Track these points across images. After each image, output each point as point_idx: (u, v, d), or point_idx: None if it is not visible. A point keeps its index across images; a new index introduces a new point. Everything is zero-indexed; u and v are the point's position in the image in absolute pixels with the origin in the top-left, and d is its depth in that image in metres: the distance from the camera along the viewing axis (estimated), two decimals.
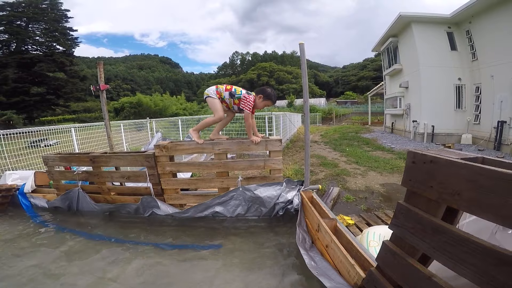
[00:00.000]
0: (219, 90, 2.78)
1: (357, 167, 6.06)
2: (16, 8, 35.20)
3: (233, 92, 2.76)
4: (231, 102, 2.80)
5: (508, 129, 8.21)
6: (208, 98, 2.81)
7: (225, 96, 2.78)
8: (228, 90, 2.78)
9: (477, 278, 0.76)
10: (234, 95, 2.76)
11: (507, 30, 8.13)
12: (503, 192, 0.64)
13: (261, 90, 2.82)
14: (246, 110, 2.71)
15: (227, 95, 2.77)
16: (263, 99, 2.79)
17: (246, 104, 2.72)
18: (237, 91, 2.78)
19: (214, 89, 2.80)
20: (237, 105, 2.80)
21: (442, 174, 0.81)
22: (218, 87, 2.80)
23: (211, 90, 2.80)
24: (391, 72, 14.21)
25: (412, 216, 0.93)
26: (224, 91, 2.78)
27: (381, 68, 16.57)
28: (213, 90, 2.79)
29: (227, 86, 2.81)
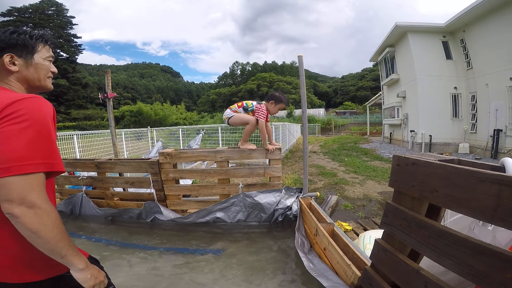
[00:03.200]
0: (234, 109, 2.91)
1: (356, 176, 6.16)
2: (23, 13, 36.00)
3: (245, 106, 2.88)
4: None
5: (504, 137, 8.31)
6: (230, 119, 2.90)
7: (240, 112, 2.89)
8: (241, 106, 2.90)
9: (458, 268, 0.84)
10: (248, 109, 2.88)
11: (500, 38, 8.33)
12: (471, 187, 0.74)
13: (270, 96, 2.94)
14: (261, 119, 2.81)
15: (241, 110, 2.89)
16: (275, 103, 2.90)
17: (260, 114, 2.82)
18: (248, 104, 2.89)
19: (229, 111, 2.92)
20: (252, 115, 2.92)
21: (422, 174, 0.91)
22: (232, 108, 2.93)
23: (228, 113, 2.92)
24: (388, 82, 14.46)
25: (399, 214, 1.02)
26: (238, 108, 2.90)
27: (379, 78, 16.86)
28: (229, 112, 2.92)
29: (238, 103, 2.94)
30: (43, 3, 37.77)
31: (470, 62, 10.01)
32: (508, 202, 0.68)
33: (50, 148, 0.79)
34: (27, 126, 0.75)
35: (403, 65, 12.39)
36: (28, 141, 0.74)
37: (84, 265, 0.84)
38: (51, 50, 1.03)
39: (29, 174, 0.73)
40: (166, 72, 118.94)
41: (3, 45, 0.90)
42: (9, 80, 0.92)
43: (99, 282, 0.90)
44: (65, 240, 0.79)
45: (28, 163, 0.73)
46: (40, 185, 0.75)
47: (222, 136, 9.13)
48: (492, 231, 1.06)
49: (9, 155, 0.72)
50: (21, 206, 0.71)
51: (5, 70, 0.91)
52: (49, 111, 0.83)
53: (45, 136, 0.78)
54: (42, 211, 0.73)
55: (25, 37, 0.93)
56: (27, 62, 0.94)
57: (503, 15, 8.17)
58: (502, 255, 0.70)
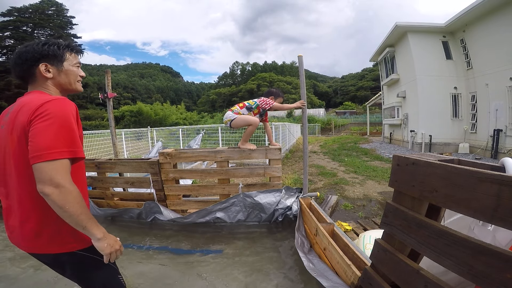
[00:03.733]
0: (236, 111, 2.86)
1: (356, 176, 6.16)
2: (23, 13, 35.98)
3: (248, 106, 2.86)
4: (251, 115, 2.88)
5: (504, 137, 8.30)
6: (232, 122, 2.82)
7: (244, 113, 2.85)
8: (244, 106, 2.86)
9: (458, 268, 0.84)
10: (252, 107, 2.85)
11: (500, 38, 8.33)
12: (471, 187, 0.74)
13: (268, 92, 2.96)
14: (272, 103, 2.85)
15: (245, 111, 2.85)
16: (274, 98, 2.93)
17: (268, 103, 2.84)
18: (251, 103, 2.88)
19: (231, 113, 2.86)
20: (257, 115, 2.89)
21: (422, 174, 0.91)
22: (233, 110, 2.88)
23: (229, 115, 2.85)
24: (388, 82, 14.46)
25: (399, 214, 1.02)
26: (240, 109, 2.85)
27: (379, 78, 16.85)
28: (231, 114, 2.85)
29: (239, 104, 2.91)
30: (43, 3, 37.76)
31: (470, 62, 10.00)
32: (508, 202, 0.68)
33: (72, 139, 0.98)
34: (52, 122, 0.94)
35: (403, 65, 12.38)
36: (54, 133, 0.93)
37: (102, 235, 1.02)
38: (78, 57, 1.22)
39: (56, 160, 0.92)
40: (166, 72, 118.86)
41: (38, 56, 1.08)
42: (46, 85, 1.12)
43: (114, 250, 1.06)
44: (85, 214, 0.97)
45: (54, 151, 0.91)
46: (65, 168, 0.94)
47: (222, 136, 9.13)
48: (492, 231, 1.05)
49: (40, 146, 0.91)
50: (50, 186, 0.90)
51: (42, 77, 1.10)
52: (71, 109, 1.01)
53: (67, 129, 0.97)
54: (66, 190, 0.92)
55: (54, 48, 1.11)
56: (58, 70, 1.13)
57: (503, 15, 8.16)
58: (502, 255, 0.70)
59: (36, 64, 1.08)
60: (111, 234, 1.09)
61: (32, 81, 1.12)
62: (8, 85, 31.87)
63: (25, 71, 1.10)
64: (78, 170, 1.12)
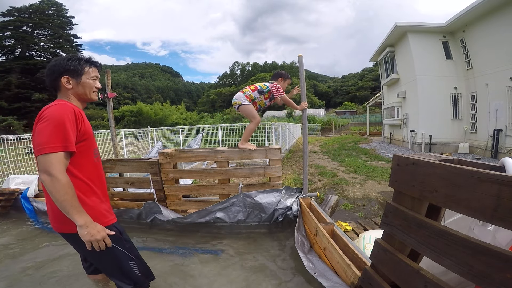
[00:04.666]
0: (247, 93, 2.83)
1: (356, 176, 6.15)
2: (23, 13, 35.97)
3: (260, 89, 2.84)
4: (262, 100, 2.87)
5: (504, 137, 8.30)
6: (241, 106, 2.82)
7: (256, 96, 2.83)
8: (255, 89, 2.84)
9: (458, 268, 0.84)
10: (263, 91, 2.84)
11: (500, 38, 8.32)
12: (472, 188, 0.74)
13: (277, 74, 2.98)
14: (282, 94, 2.85)
15: (256, 94, 2.83)
16: (284, 80, 2.95)
17: (279, 91, 2.84)
18: (262, 87, 2.85)
19: (242, 95, 2.83)
20: (267, 99, 2.89)
21: (422, 174, 0.91)
22: (245, 92, 2.85)
23: (241, 98, 2.82)
24: (388, 82, 14.46)
25: (399, 214, 1.02)
26: (252, 92, 2.83)
27: (379, 78, 16.85)
28: (243, 96, 2.82)
29: (250, 87, 2.88)
30: (43, 3, 37.71)
31: (470, 62, 10.00)
32: (508, 202, 0.68)
33: (64, 136, 1.17)
34: (48, 124, 1.16)
35: (403, 65, 12.37)
36: (49, 132, 1.15)
37: (83, 223, 1.18)
38: (96, 71, 1.44)
39: (50, 154, 1.13)
40: (166, 72, 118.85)
41: (62, 70, 1.31)
42: (67, 95, 1.36)
43: (95, 239, 1.21)
44: (68, 201, 1.14)
45: (48, 146, 1.13)
46: (58, 161, 1.14)
47: (222, 136, 9.13)
48: (492, 231, 1.05)
49: (38, 142, 1.15)
50: (44, 174, 1.12)
51: (64, 88, 1.34)
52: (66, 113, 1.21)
53: (60, 129, 1.17)
54: (55, 179, 1.12)
55: (75, 63, 1.34)
56: (77, 82, 1.36)
57: (503, 15, 8.16)
58: (502, 255, 0.70)
59: (60, 76, 1.31)
60: (99, 225, 1.25)
61: (58, 90, 1.36)
62: (8, 85, 31.89)
63: (52, 82, 1.34)
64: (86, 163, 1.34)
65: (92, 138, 1.40)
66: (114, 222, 1.41)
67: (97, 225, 1.23)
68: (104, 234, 1.25)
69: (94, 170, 1.39)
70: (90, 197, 1.32)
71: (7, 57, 35.70)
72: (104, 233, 1.25)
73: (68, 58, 1.34)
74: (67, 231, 1.28)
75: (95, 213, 1.29)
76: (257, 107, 2.91)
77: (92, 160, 1.39)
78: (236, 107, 2.87)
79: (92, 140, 1.40)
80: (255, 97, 2.84)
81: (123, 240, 1.41)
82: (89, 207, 1.28)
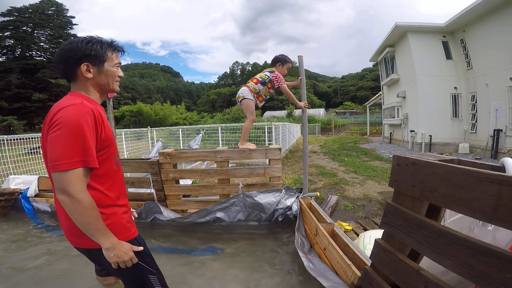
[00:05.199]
0: (251, 87, 2.81)
1: (356, 176, 6.15)
2: (23, 13, 35.96)
3: (262, 80, 2.82)
4: (266, 90, 2.85)
5: (504, 137, 8.29)
6: (244, 100, 2.80)
7: (260, 88, 2.81)
8: (258, 82, 2.82)
9: (458, 268, 0.85)
10: (265, 82, 2.81)
11: (500, 38, 8.32)
12: (471, 188, 0.74)
13: (274, 59, 2.93)
14: (283, 84, 2.80)
15: (260, 86, 2.81)
16: (282, 64, 2.90)
17: (280, 80, 2.80)
18: (263, 77, 2.83)
19: (246, 89, 2.81)
20: (271, 89, 2.87)
21: (422, 174, 0.91)
22: (249, 86, 2.83)
23: (245, 92, 2.80)
24: (388, 82, 14.45)
25: (399, 213, 1.02)
26: (256, 85, 2.81)
27: (379, 78, 16.85)
28: (247, 90, 2.80)
29: (253, 80, 2.86)
30: (43, 3, 37.69)
31: (470, 62, 9.99)
32: (508, 202, 0.68)
33: (83, 148, 0.97)
34: (63, 132, 0.94)
35: (403, 65, 12.37)
36: (64, 144, 0.94)
37: (109, 246, 1.05)
38: (119, 57, 1.23)
39: (67, 171, 0.94)
40: (166, 72, 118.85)
41: (80, 55, 1.07)
42: (86, 86, 1.14)
43: (121, 261, 1.09)
44: (93, 224, 0.99)
45: (64, 162, 0.93)
46: (77, 178, 0.95)
47: (222, 136, 9.13)
48: (492, 231, 1.06)
49: (52, 156, 0.94)
50: (63, 195, 0.95)
51: (83, 77, 1.11)
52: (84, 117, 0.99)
53: (78, 138, 0.96)
54: (75, 201, 0.95)
55: (97, 47, 1.11)
56: (99, 70, 1.13)
57: (503, 15, 8.15)
58: (502, 255, 0.70)
59: (78, 63, 1.08)
60: (125, 244, 1.12)
61: (73, 80, 1.13)
62: (8, 85, 31.87)
63: (67, 70, 1.11)
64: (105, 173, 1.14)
65: (113, 144, 1.20)
66: (136, 235, 1.29)
67: (124, 245, 1.11)
68: (132, 254, 1.13)
69: (115, 180, 1.20)
70: (111, 210, 1.16)
71: (7, 57, 35.67)
72: (131, 254, 1.13)
73: (88, 41, 1.11)
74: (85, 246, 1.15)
75: (117, 227, 1.15)
76: (263, 98, 2.89)
77: (113, 169, 1.19)
78: (239, 100, 2.85)
79: (113, 146, 1.20)
80: (259, 90, 2.82)
81: (144, 254, 1.28)
82: (111, 221, 1.13)
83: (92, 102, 1.12)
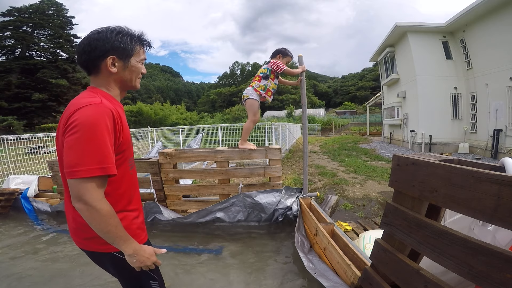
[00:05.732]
0: (255, 86, 2.77)
1: (356, 176, 6.15)
2: (23, 13, 36.02)
3: (263, 75, 2.78)
4: (271, 82, 2.80)
5: (504, 137, 8.29)
6: (248, 99, 2.78)
7: (265, 84, 2.77)
8: (260, 78, 2.78)
9: (458, 268, 0.85)
10: (267, 75, 2.78)
11: (500, 38, 8.31)
12: (471, 188, 0.74)
13: (275, 52, 2.89)
14: (282, 67, 2.74)
15: (264, 82, 2.77)
16: (282, 57, 2.86)
17: (279, 65, 2.73)
18: (263, 71, 2.80)
19: (251, 89, 2.77)
20: (275, 79, 2.83)
21: (422, 174, 0.91)
22: (253, 85, 2.79)
23: (250, 91, 2.77)
24: (388, 82, 14.45)
25: (399, 213, 1.02)
26: (260, 82, 2.77)
27: (379, 78, 16.84)
28: (251, 90, 2.77)
29: (256, 78, 2.82)
30: (43, 3, 37.72)
31: (470, 62, 9.98)
32: (508, 202, 0.68)
33: (102, 154, 0.90)
34: (80, 136, 0.87)
35: (403, 65, 12.36)
36: (82, 149, 0.87)
37: (131, 252, 1.00)
38: (145, 52, 1.14)
39: (85, 178, 0.87)
40: (166, 72, 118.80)
41: (108, 47, 0.99)
42: (107, 80, 1.05)
43: (144, 265, 1.05)
44: (113, 232, 0.94)
45: (82, 169, 0.86)
46: (94, 186, 0.89)
47: (222, 136, 9.13)
48: (492, 231, 1.05)
49: (69, 162, 0.87)
50: (79, 203, 0.88)
51: (106, 71, 1.02)
52: (103, 118, 0.91)
53: (96, 143, 0.89)
54: (92, 209, 0.88)
55: (126, 40, 1.03)
56: (124, 65, 1.04)
57: (503, 15, 8.15)
58: (502, 255, 0.70)
59: (104, 56, 0.99)
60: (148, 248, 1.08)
61: (94, 73, 1.04)
62: (8, 85, 31.87)
63: (90, 61, 1.01)
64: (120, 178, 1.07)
65: (130, 147, 1.13)
66: (145, 241, 1.23)
67: (146, 250, 1.06)
68: (154, 258, 1.09)
69: (128, 184, 1.14)
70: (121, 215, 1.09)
71: (7, 57, 35.70)
72: (154, 258, 1.09)
73: (118, 32, 1.02)
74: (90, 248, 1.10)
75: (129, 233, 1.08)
76: (272, 92, 2.85)
77: (128, 173, 1.13)
78: (244, 100, 2.83)
79: (130, 149, 1.13)
80: (265, 85, 2.77)
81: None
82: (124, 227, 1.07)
83: (112, 100, 1.05)
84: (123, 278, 1.20)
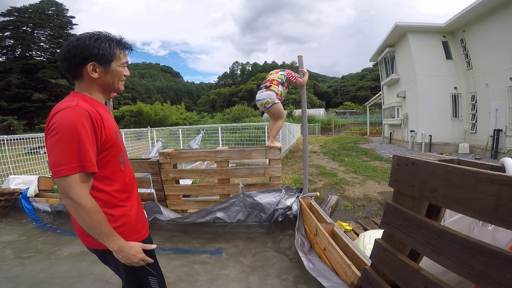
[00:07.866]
0: (275, 90, 2.78)
1: (356, 176, 6.15)
2: (23, 13, 36.01)
3: (281, 81, 2.81)
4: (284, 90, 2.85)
5: (504, 137, 8.29)
6: (275, 105, 2.79)
7: (281, 91, 2.82)
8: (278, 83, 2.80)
9: (458, 268, 0.85)
10: (283, 82, 2.82)
11: (500, 38, 8.32)
12: (471, 187, 0.74)
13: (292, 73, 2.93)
14: (299, 79, 2.84)
15: (281, 88, 2.82)
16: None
17: (294, 76, 2.84)
18: (281, 77, 2.83)
19: (274, 94, 2.76)
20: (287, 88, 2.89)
21: (422, 174, 0.91)
22: (274, 89, 2.78)
23: (273, 96, 2.76)
24: (388, 82, 14.45)
25: (399, 213, 1.02)
26: (279, 87, 2.80)
27: (379, 78, 16.85)
28: (274, 95, 2.76)
29: (273, 82, 2.82)
30: (43, 3, 37.73)
31: (470, 62, 9.99)
32: (508, 202, 0.68)
33: (81, 153, 0.95)
34: (59, 138, 0.93)
35: (403, 65, 12.36)
36: (61, 150, 0.93)
37: (115, 249, 1.04)
38: (126, 55, 1.18)
39: (67, 177, 0.93)
40: (166, 72, 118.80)
41: (88, 54, 1.03)
42: (90, 85, 1.10)
43: (130, 262, 1.09)
44: (97, 228, 0.99)
45: (63, 168, 0.93)
46: (78, 183, 0.95)
47: (222, 136, 9.13)
48: (492, 231, 1.06)
49: (52, 163, 0.95)
50: (66, 199, 0.95)
51: (88, 77, 1.07)
52: (79, 120, 0.96)
53: (75, 144, 0.94)
54: (77, 205, 0.94)
55: (105, 46, 1.06)
56: (105, 70, 1.09)
57: (503, 15, 8.15)
58: (502, 255, 0.70)
59: (84, 63, 1.03)
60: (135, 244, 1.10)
61: (77, 78, 1.09)
62: (8, 85, 31.87)
63: (72, 68, 1.06)
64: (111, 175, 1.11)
65: (117, 144, 1.14)
66: (145, 237, 1.26)
67: (133, 247, 1.09)
68: (142, 256, 1.11)
69: (123, 180, 1.17)
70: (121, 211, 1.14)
71: (7, 57, 35.69)
72: (141, 255, 1.11)
73: (96, 38, 1.05)
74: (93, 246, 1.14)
75: (127, 229, 1.15)
76: (282, 99, 2.88)
77: (119, 169, 1.16)
78: (269, 106, 2.79)
79: (118, 146, 1.16)
80: (281, 91, 2.81)
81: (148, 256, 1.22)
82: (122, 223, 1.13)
83: (92, 102, 1.09)
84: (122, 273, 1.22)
